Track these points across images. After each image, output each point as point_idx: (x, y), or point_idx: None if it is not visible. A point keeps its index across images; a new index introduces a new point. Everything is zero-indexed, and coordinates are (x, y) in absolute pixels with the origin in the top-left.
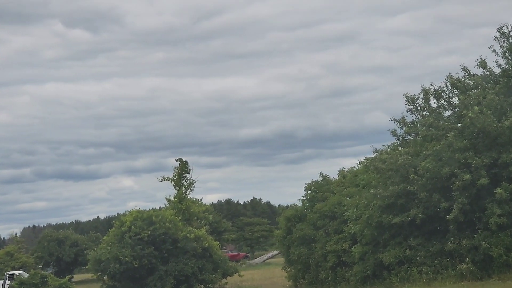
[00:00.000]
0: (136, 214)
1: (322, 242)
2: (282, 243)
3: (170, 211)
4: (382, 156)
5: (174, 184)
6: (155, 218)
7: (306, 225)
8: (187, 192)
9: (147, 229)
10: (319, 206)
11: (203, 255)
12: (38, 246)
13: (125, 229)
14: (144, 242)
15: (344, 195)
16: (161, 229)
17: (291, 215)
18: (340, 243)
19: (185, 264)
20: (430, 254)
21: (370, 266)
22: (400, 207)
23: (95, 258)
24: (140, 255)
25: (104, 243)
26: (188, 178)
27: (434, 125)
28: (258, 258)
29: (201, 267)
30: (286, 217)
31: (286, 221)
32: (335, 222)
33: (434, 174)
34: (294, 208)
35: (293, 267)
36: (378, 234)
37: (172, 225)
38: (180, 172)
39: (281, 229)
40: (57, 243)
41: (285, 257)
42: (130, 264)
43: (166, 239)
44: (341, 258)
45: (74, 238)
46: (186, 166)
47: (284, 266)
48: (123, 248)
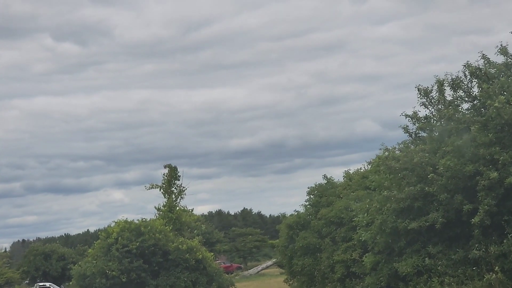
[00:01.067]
0: (123, 225)
1: (328, 251)
2: (284, 253)
3: (160, 220)
4: (395, 154)
5: (163, 192)
6: (144, 228)
7: (310, 233)
8: (177, 200)
9: (135, 240)
10: (324, 211)
11: (197, 267)
12: (24, 260)
13: (111, 241)
14: (132, 254)
15: (352, 199)
16: (150, 240)
17: (293, 222)
18: (349, 252)
19: (177, 278)
20: (452, 263)
21: (384, 277)
22: (417, 210)
23: (80, 273)
24: (128, 268)
25: (89, 256)
26: (178, 185)
27: (454, 118)
28: (252, 269)
29: (194, 281)
30: (287, 224)
31: (287, 229)
32: (342, 229)
33: (455, 172)
34: (296, 215)
35: (296, 279)
36: (393, 241)
37: (163, 236)
38: (169, 179)
39: (282, 237)
40: (44, 257)
41: (287, 268)
42: (118, 279)
43: (156, 251)
44: (351, 268)
45: (61, 251)
46: (175, 173)
47: (286, 279)
48: (109, 261)
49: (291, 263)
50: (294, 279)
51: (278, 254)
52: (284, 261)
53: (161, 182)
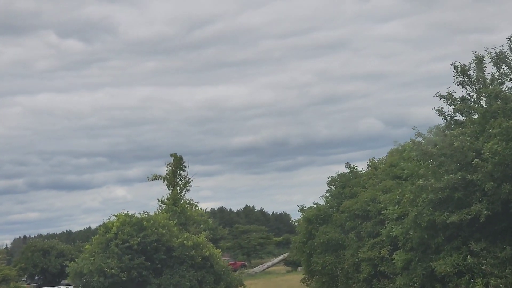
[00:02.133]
0: (123, 219)
1: (353, 248)
2: (302, 250)
3: (164, 214)
4: (431, 138)
5: (167, 184)
6: (146, 222)
7: (331, 228)
8: (182, 192)
9: (136, 235)
10: (348, 203)
11: (203, 265)
12: (22, 257)
13: (111, 236)
14: (133, 251)
15: (379, 190)
16: (153, 236)
17: (312, 216)
18: (376, 249)
19: (182, 276)
20: (499, 262)
21: (418, 278)
22: (457, 201)
23: (76, 271)
24: (128, 266)
25: (87, 252)
26: (184, 176)
27: (501, 96)
28: (258, 267)
29: (200, 280)
30: (306, 218)
31: (306, 223)
32: (369, 223)
33: (503, 158)
34: (316, 207)
35: (315, 279)
36: (429, 237)
37: (166, 231)
38: (174, 170)
39: (301, 233)
40: (42, 254)
41: (305, 267)
42: (117, 277)
43: (159, 247)
44: (378, 267)
45: (60, 248)
46: (180, 163)
47: (304, 278)
48: (108, 258)
49: (309, 261)
50: (313, 279)
51: (295, 251)
52: (302, 259)
53: (165, 173)
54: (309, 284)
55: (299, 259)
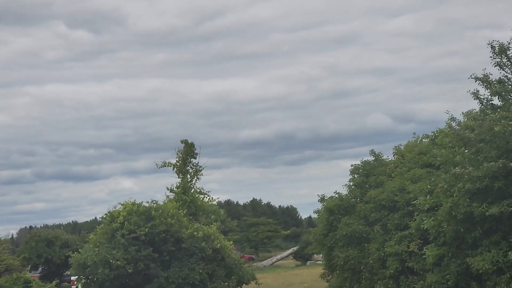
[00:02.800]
0: (130, 208)
1: (378, 241)
2: (322, 243)
3: (173, 203)
4: (469, 123)
5: (177, 171)
6: (154, 212)
7: (355, 219)
8: (192, 181)
9: (144, 225)
10: (373, 193)
11: (214, 258)
12: (25, 246)
13: (117, 226)
14: (140, 241)
15: (408, 179)
16: (161, 226)
17: (334, 206)
18: (404, 242)
19: (192, 269)
20: None
21: (452, 275)
22: (498, 192)
23: (79, 262)
24: (135, 258)
25: (91, 243)
26: (194, 164)
27: None
28: (266, 261)
29: (211, 273)
30: (327, 208)
31: (327, 214)
32: (396, 214)
33: None
34: (338, 197)
35: (337, 274)
36: (466, 230)
37: (175, 221)
38: (184, 157)
39: (321, 224)
40: (46, 244)
41: (326, 261)
42: (123, 269)
43: (167, 238)
44: (407, 263)
45: (64, 238)
46: (192, 150)
47: (324, 274)
48: (114, 249)
49: (330, 255)
50: (334, 274)
51: (315, 244)
52: (323, 253)
53: (175, 160)
54: (329, 280)
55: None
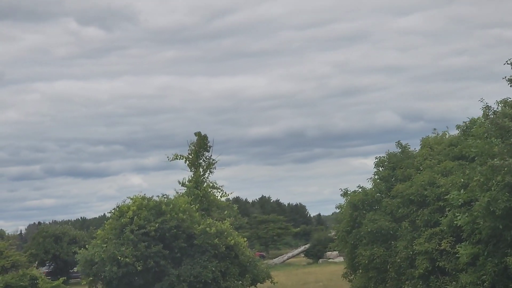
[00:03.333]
0: (140, 202)
1: (406, 239)
2: (345, 240)
3: (185, 197)
4: (507, 111)
5: (189, 164)
6: (165, 207)
7: (381, 215)
8: (205, 174)
9: (154, 221)
10: (400, 187)
11: (227, 255)
12: (33, 242)
13: (125, 221)
14: (150, 237)
15: (438, 172)
16: (172, 221)
17: (358, 201)
18: (435, 240)
19: (204, 267)
20: None
21: (487, 276)
22: None
23: (86, 259)
24: (144, 254)
25: (98, 239)
26: (207, 157)
27: None
28: (277, 258)
29: (224, 271)
30: (351, 203)
31: (351, 209)
32: (426, 209)
33: None
34: (362, 191)
35: (360, 274)
36: (505, 227)
37: (187, 216)
38: (197, 150)
39: (344, 220)
40: (54, 240)
41: (348, 260)
42: (132, 267)
43: (179, 234)
44: (438, 262)
45: (72, 234)
46: (205, 142)
47: (346, 273)
48: (122, 245)
49: (353, 253)
50: (358, 273)
51: (337, 241)
52: (345, 251)
53: (188, 153)
54: (351, 279)
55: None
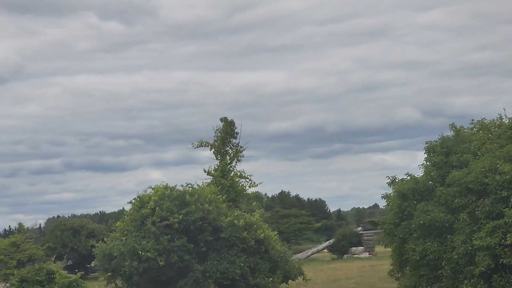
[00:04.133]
0: (162, 192)
1: (464, 232)
2: (393, 233)
3: (211, 187)
4: None
5: (215, 152)
6: (190, 197)
7: (434, 205)
8: (232, 163)
9: (178, 212)
10: (457, 175)
11: (257, 250)
12: (50, 236)
13: (147, 212)
14: (173, 230)
15: (500, 157)
16: (197, 213)
17: (408, 190)
18: (498, 234)
19: (231, 263)
20: None
21: None
22: None
23: (104, 252)
24: (167, 249)
25: (118, 231)
26: (235, 145)
27: None
28: (301, 253)
29: (253, 267)
30: (400, 193)
31: (400, 199)
32: (487, 200)
33: None
34: (412, 179)
35: (410, 272)
36: None
37: (213, 208)
38: (223, 136)
39: (392, 212)
40: (72, 233)
41: (396, 256)
42: (153, 262)
43: (204, 227)
44: (501, 259)
45: (91, 227)
46: (232, 129)
47: (393, 270)
48: (143, 238)
49: (402, 249)
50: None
51: (383, 235)
52: (392, 246)
53: (213, 140)
54: (398, 277)
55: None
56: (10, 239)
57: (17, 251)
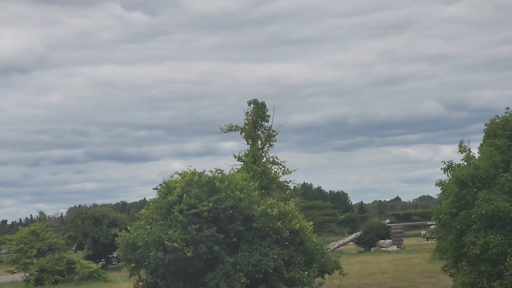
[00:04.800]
0: (190, 177)
1: None
2: (449, 224)
3: (243, 173)
4: None
5: (245, 136)
6: (219, 183)
7: (497, 193)
8: (264, 148)
9: (207, 199)
10: None
11: (292, 241)
12: (71, 224)
13: (173, 199)
14: (202, 219)
15: None
16: (228, 201)
17: (467, 177)
18: None
19: (264, 255)
20: None
21: None
22: None
23: (128, 242)
24: (195, 239)
25: (142, 219)
26: (266, 128)
27: None
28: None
29: (288, 260)
30: (458, 179)
31: (458, 186)
32: None
33: None
34: (472, 165)
35: (469, 267)
36: None
37: (245, 195)
38: (254, 120)
39: (448, 200)
40: (93, 222)
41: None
42: (181, 253)
43: (235, 216)
44: None
45: (113, 216)
46: (263, 111)
47: (447, 266)
48: (169, 227)
49: (459, 242)
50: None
51: (438, 226)
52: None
53: (244, 123)
54: (453, 273)
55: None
56: (30, 227)
57: (37, 240)
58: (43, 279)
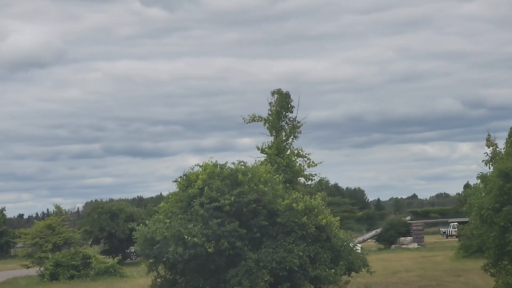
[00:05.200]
0: (211, 170)
1: None
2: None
3: (267, 166)
4: None
5: (269, 127)
6: (242, 176)
7: None
8: (288, 140)
9: (229, 193)
10: None
11: (318, 237)
12: (87, 219)
13: (194, 192)
14: (224, 213)
15: None
16: (251, 194)
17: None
18: None
19: (289, 251)
20: None
21: None
22: None
23: (146, 237)
24: (217, 234)
25: (161, 213)
26: (291, 119)
27: None
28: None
29: (313, 256)
30: (502, 172)
31: (501, 178)
32: None
33: None
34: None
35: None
36: None
37: (269, 189)
38: (278, 110)
39: (491, 194)
40: (110, 216)
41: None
42: (201, 248)
43: (259, 210)
44: None
45: (129, 211)
46: (287, 101)
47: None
48: (190, 222)
49: (502, 239)
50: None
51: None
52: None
53: (267, 114)
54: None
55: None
56: (46, 221)
57: (52, 234)
58: (58, 274)
